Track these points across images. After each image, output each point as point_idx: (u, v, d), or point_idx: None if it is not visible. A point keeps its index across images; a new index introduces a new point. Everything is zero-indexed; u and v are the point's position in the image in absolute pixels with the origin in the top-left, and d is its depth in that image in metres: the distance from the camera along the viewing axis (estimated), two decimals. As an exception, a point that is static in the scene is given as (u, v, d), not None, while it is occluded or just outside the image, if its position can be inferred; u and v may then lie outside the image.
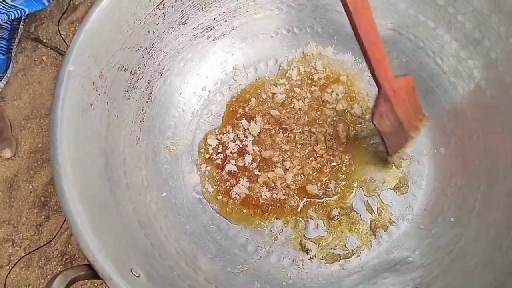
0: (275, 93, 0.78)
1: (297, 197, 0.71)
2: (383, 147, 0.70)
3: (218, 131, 0.76)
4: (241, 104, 0.78)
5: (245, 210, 0.71)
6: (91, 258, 0.48)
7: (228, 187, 0.72)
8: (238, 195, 0.71)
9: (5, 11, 0.90)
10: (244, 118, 0.76)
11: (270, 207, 0.71)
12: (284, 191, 0.71)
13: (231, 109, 0.78)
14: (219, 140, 0.75)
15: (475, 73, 0.69)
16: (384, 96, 0.62)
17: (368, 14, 0.57)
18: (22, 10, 0.92)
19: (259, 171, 0.72)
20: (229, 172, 0.73)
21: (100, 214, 0.54)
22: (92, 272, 0.49)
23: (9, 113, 1.10)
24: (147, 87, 0.70)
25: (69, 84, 0.56)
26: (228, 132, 0.75)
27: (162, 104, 0.73)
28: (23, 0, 0.91)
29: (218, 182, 0.73)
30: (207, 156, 0.74)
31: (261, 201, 0.71)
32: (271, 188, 0.71)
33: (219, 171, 0.73)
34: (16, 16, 0.92)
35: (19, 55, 1.14)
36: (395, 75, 0.62)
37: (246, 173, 0.72)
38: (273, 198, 0.71)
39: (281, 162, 0.73)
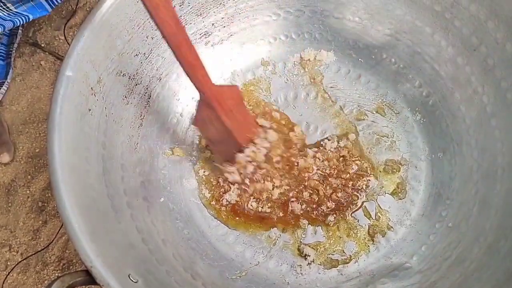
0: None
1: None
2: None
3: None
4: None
5: (237, 218, 0.71)
6: (88, 263, 0.48)
7: (221, 193, 0.72)
8: (228, 202, 0.71)
9: (10, 18, 0.90)
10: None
11: (257, 218, 0.71)
12: (269, 205, 0.71)
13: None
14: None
15: (472, 79, 0.69)
16: (205, 102, 0.60)
17: (168, 7, 0.50)
18: (26, 17, 0.92)
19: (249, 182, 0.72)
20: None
21: (98, 220, 0.54)
22: (90, 278, 0.49)
23: (7, 117, 1.09)
24: (146, 93, 0.70)
25: (67, 89, 0.56)
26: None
27: (161, 109, 0.73)
28: (26, 7, 0.91)
29: (214, 188, 0.72)
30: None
31: (248, 211, 0.71)
32: (258, 200, 0.71)
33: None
34: (21, 23, 0.93)
35: (17, 60, 1.14)
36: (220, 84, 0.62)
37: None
38: (259, 210, 0.71)
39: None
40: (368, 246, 0.69)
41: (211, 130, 0.64)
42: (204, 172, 0.74)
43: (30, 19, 0.94)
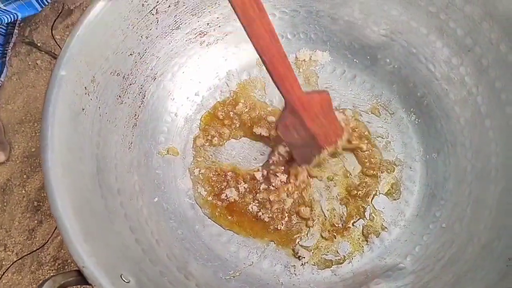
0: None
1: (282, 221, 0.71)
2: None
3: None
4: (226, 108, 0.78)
5: (229, 217, 0.70)
6: (80, 264, 0.48)
7: (222, 187, 0.72)
8: (227, 198, 0.71)
9: None
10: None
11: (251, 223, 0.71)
12: (270, 215, 0.70)
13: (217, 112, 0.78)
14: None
15: (467, 79, 0.69)
16: (290, 110, 0.60)
17: (264, 20, 0.48)
18: (14, 15, 0.92)
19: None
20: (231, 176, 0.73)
21: (91, 220, 0.54)
22: (82, 278, 0.48)
23: (2, 117, 1.09)
24: (140, 92, 0.70)
25: (60, 89, 0.56)
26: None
27: (155, 109, 0.73)
28: (16, 5, 0.91)
29: (213, 183, 0.72)
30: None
31: (245, 213, 0.71)
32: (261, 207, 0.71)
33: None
34: (9, 21, 0.92)
35: (13, 59, 1.14)
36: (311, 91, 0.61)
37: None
38: (257, 215, 0.71)
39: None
40: (362, 246, 0.69)
41: (293, 135, 0.64)
42: (200, 171, 0.74)
43: (19, 17, 0.93)
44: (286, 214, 0.70)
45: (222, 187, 0.72)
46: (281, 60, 0.53)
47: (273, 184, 0.71)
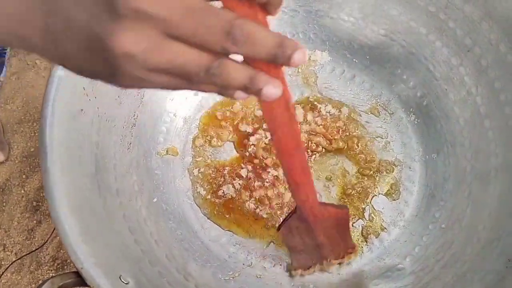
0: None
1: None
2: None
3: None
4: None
5: (227, 215, 0.70)
6: (78, 265, 0.48)
7: (220, 184, 0.72)
8: (224, 195, 0.71)
9: None
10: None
11: (249, 222, 0.70)
12: (268, 210, 0.70)
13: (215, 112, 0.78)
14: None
15: (466, 79, 0.69)
16: (300, 216, 0.56)
17: (292, 128, 0.41)
18: None
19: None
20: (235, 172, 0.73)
21: (90, 220, 0.54)
22: (80, 279, 0.48)
23: (1, 116, 1.09)
24: (139, 92, 0.70)
25: (59, 89, 0.56)
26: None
27: (154, 109, 0.73)
28: None
29: (212, 180, 0.72)
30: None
31: (243, 210, 0.71)
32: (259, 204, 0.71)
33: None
34: None
35: (12, 59, 1.14)
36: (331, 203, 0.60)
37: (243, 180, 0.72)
38: (255, 212, 0.71)
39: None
40: (362, 247, 0.69)
41: (296, 240, 0.60)
42: (199, 170, 0.73)
43: None
44: (285, 209, 0.70)
45: (220, 183, 0.72)
46: (302, 170, 0.48)
47: (267, 180, 0.71)
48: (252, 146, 0.74)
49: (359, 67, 0.79)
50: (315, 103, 0.78)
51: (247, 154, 0.74)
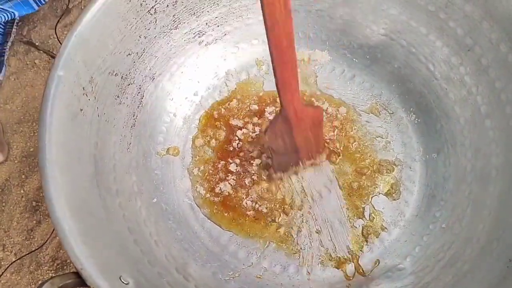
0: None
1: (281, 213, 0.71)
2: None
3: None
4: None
5: (226, 214, 0.70)
6: (78, 266, 0.48)
7: (217, 180, 0.72)
8: (221, 192, 0.71)
9: None
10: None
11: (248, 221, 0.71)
12: (267, 205, 0.71)
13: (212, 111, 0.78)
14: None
15: (467, 79, 0.69)
16: (284, 117, 0.60)
17: (287, 25, 0.47)
18: (11, 13, 0.91)
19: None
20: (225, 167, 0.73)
21: (89, 221, 0.54)
22: (80, 280, 0.48)
23: (1, 117, 1.09)
24: (138, 92, 0.70)
25: (58, 89, 0.56)
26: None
27: (154, 109, 0.73)
28: (12, 3, 0.91)
29: (208, 177, 0.72)
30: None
31: (241, 208, 0.71)
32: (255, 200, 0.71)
33: (221, 159, 0.74)
34: (6, 19, 0.92)
35: (11, 59, 1.14)
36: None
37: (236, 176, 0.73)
38: (254, 207, 0.71)
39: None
40: (362, 247, 0.69)
41: (279, 142, 0.64)
42: (199, 169, 0.73)
43: (16, 16, 0.93)
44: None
45: (216, 179, 0.72)
46: (291, 69, 0.53)
47: (253, 172, 0.72)
48: (238, 141, 0.74)
49: (359, 67, 0.79)
50: (312, 99, 0.78)
51: (231, 149, 0.74)
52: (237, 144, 0.74)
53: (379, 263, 0.68)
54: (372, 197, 0.72)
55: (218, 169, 0.73)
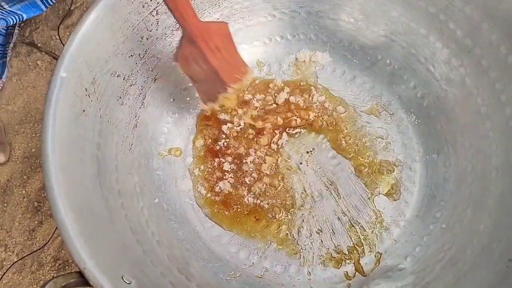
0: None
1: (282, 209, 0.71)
2: None
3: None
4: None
5: (226, 212, 0.71)
6: (81, 265, 0.48)
7: (216, 179, 0.72)
8: (222, 191, 0.72)
9: (3, 17, 0.90)
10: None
11: (249, 220, 0.71)
12: (268, 201, 0.71)
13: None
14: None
15: (467, 80, 0.69)
16: (188, 38, 0.58)
17: None
18: (20, 16, 0.92)
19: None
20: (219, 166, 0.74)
21: (92, 221, 0.54)
22: (83, 280, 0.49)
23: (3, 117, 1.09)
24: (140, 93, 0.70)
25: (61, 90, 0.56)
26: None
27: (155, 110, 0.73)
28: (21, 5, 0.91)
29: (208, 176, 0.73)
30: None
31: (242, 205, 0.72)
32: (257, 196, 0.72)
33: (213, 158, 0.74)
34: (14, 22, 0.92)
35: (13, 60, 1.14)
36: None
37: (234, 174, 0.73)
38: (255, 203, 0.71)
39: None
40: (363, 246, 0.69)
41: (195, 68, 0.61)
42: (199, 169, 0.74)
43: (24, 18, 0.93)
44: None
45: (215, 178, 0.72)
46: None
47: (251, 170, 0.73)
48: (224, 139, 0.75)
49: (360, 68, 0.80)
50: (312, 88, 0.79)
51: (218, 147, 0.75)
52: (223, 143, 0.75)
53: (379, 263, 0.68)
54: (373, 197, 0.72)
55: (215, 168, 0.74)
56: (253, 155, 0.74)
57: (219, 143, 0.75)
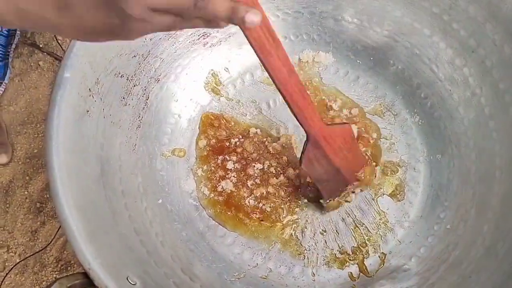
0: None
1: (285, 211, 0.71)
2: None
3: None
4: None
5: (229, 213, 0.71)
6: (86, 266, 0.48)
7: (218, 178, 0.72)
8: (224, 190, 0.72)
9: None
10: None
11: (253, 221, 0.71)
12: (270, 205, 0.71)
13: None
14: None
15: (471, 80, 0.69)
16: (312, 143, 0.59)
17: (280, 53, 0.48)
18: None
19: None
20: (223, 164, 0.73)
21: (96, 222, 0.54)
22: (88, 280, 0.48)
23: (5, 118, 1.09)
24: (144, 94, 0.70)
25: (65, 90, 0.56)
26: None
27: (159, 110, 0.73)
28: None
29: (210, 176, 0.73)
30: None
31: (244, 206, 0.71)
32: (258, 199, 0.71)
33: (217, 155, 0.74)
34: None
35: (15, 60, 1.14)
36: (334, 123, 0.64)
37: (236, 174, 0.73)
38: (256, 206, 0.71)
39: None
40: (367, 247, 0.69)
41: (318, 170, 0.63)
42: (203, 169, 0.74)
43: None
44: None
45: (218, 177, 0.72)
46: (301, 94, 0.53)
47: (256, 175, 0.72)
48: (238, 139, 0.75)
49: (363, 68, 0.80)
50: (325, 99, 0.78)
51: (228, 144, 0.75)
52: (236, 142, 0.75)
53: (384, 263, 0.68)
54: (377, 198, 0.72)
55: (218, 166, 0.73)
56: (266, 164, 0.73)
57: (231, 140, 0.75)
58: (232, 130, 0.76)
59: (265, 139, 0.75)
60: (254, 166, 0.73)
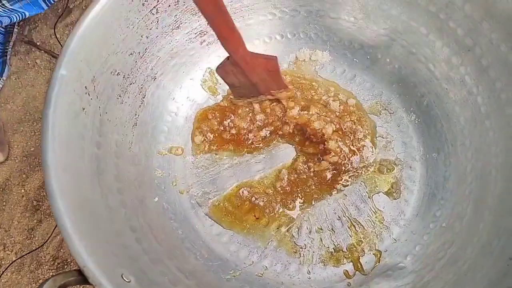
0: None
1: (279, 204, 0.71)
2: None
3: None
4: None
5: (225, 210, 0.71)
6: (81, 263, 0.48)
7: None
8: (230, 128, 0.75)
9: (6, 15, 0.90)
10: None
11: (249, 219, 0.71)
12: (264, 199, 0.71)
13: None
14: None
15: (467, 79, 0.69)
16: (233, 61, 0.63)
17: None
18: (22, 14, 0.92)
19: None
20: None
21: (91, 219, 0.54)
22: (82, 278, 0.48)
23: (2, 116, 1.09)
24: (140, 92, 0.70)
25: (61, 88, 0.56)
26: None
27: (155, 108, 0.73)
28: (22, 4, 0.91)
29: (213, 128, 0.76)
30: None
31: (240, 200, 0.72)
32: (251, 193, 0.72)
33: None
34: (18, 19, 0.93)
35: (12, 58, 1.14)
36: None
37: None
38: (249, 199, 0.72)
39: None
40: (363, 245, 0.69)
41: (232, 79, 0.68)
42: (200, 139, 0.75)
43: (27, 16, 0.94)
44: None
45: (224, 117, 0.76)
46: (227, 27, 0.58)
47: None
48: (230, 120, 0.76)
49: (360, 67, 0.80)
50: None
51: (222, 128, 0.76)
52: (228, 123, 0.76)
53: (379, 261, 0.68)
54: (372, 196, 0.72)
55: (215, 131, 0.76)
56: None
57: (224, 123, 0.76)
58: (223, 112, 0.77)
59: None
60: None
